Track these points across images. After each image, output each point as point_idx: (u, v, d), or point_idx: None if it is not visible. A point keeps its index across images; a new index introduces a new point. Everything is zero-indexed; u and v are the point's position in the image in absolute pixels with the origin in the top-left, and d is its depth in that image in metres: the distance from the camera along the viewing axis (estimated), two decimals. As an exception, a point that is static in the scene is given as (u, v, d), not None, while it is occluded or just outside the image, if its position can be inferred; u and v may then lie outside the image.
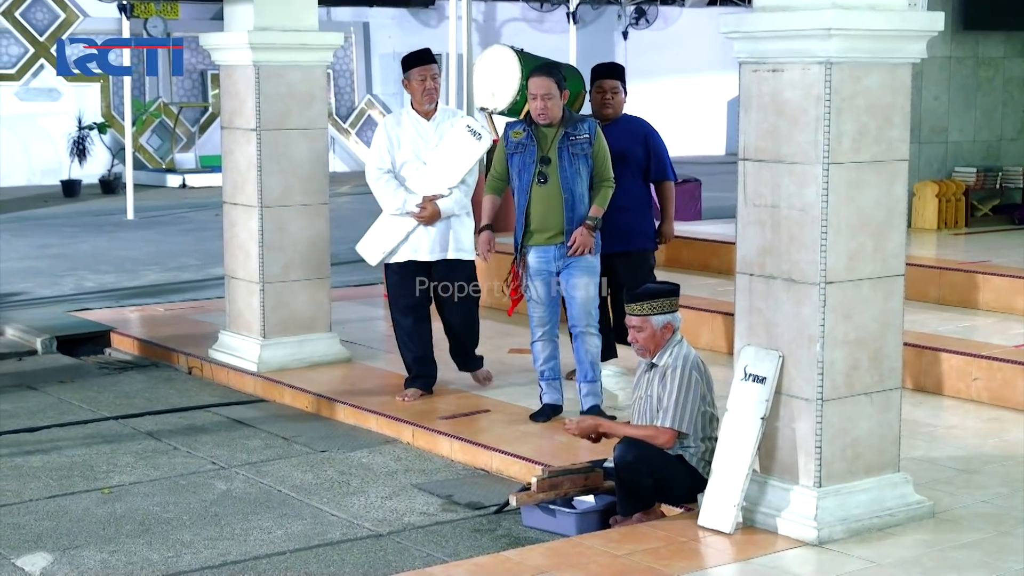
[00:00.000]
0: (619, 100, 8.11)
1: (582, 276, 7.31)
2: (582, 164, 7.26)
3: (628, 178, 7.93)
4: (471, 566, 5.53)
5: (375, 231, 8.12)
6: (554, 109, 7.23)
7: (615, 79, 8.11)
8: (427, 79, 7.93)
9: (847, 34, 5.43)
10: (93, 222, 18.19)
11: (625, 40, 29.37)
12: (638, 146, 8.08)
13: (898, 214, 5.75)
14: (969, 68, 12.55)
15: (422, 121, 8.00)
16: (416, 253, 7.99)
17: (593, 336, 7.37)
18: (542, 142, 7.29)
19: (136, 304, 11.67)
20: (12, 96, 23.63)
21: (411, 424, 7.60)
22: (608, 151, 7.37)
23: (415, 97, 8.00)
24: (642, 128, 8.19)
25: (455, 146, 7.97)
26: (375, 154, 8.06)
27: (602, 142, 7.35)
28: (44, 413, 8.36)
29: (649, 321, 6.07)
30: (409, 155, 7.97)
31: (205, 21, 24.00)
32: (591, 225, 7.25)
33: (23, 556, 5.91)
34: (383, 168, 7.98)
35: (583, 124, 7.31)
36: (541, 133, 7.30)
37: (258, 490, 6.85)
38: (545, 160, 7.25)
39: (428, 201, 7.91)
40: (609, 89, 8.07)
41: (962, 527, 5.78)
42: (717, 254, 11.16)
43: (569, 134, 7.25)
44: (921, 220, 12.03)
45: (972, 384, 7.92)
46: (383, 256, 8.07)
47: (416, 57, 7.98)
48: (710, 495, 5.75)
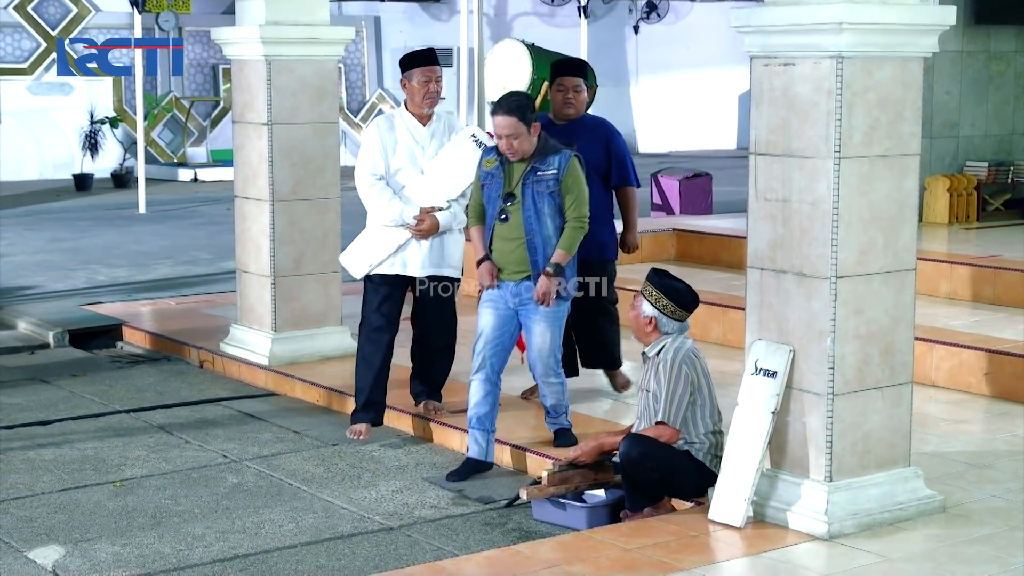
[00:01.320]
0: (581, 99, 7.57)
1: (540, 323, 6.70)
2: (547, 203, 6.63)
3: (590, 183, 7.27)
4: (482, 560, 5.54)
5: (362, 242, 7.54)
6: (522, 145, 6.60)
7: (577, 76, 7.57)
8: (431, 81, 7.39)
9: (859, 28, 5.42)
10: (105, 216, 18.22)
11: (636, 34, 29.36)
12: (599, 149, 7.53)
13: (909, 208, 5.75)
14: (981, 62, 12.52)
15: (418, 126, 7.45)
16: (406, 268, 7.43)
17: (554, 385, 6.84)
18: (509, 176, 6.70)
19: (148, 298, 11.69)
20: (24, 90, 23.67)
21: (422, 418, 7.61)
22: (582, 184, 6.69)
23: (414, 99, 7.43)
24: (604, 130, 7.67)
25: (458, 156, 7.38)
26: (367, 159, 7.44)
27: (575, 172, 6.66)
28: (56, 406, 8.38)
29: (640, 303, 6.07)
30: (404, 162, 7.41)
31: (217, 15, 24.02)
32: (550, 272, 6.59)
33: (35, 549, 5.93)
34: (376, 175, 7.40)
35: (554, 157, 6.65)
36: (510, 167, 6.70)
37: (269, 483, 6.86)
38: (509, 197, 6.67)
39: (426, 213, 7.35)
40: (571, 87, 7.53)
41: (973, 522, 5.77)
42: (728, 248, 11.16)
43: (536, 168, 6.62)
44: (932, 214, 12.02)
45: (983, 379, 7.91)
46: (369, 269, 7.49)
47: (419, 57, 7.47)
48: (720, 489, 5.76)
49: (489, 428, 6.82)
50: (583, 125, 7.60)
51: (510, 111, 6.58)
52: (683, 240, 11.75)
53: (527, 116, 6.59)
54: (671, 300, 6.03)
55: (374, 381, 7.49)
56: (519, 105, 6.62)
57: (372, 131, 7.50)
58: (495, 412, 6.82)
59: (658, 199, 14.42)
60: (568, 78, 7.57)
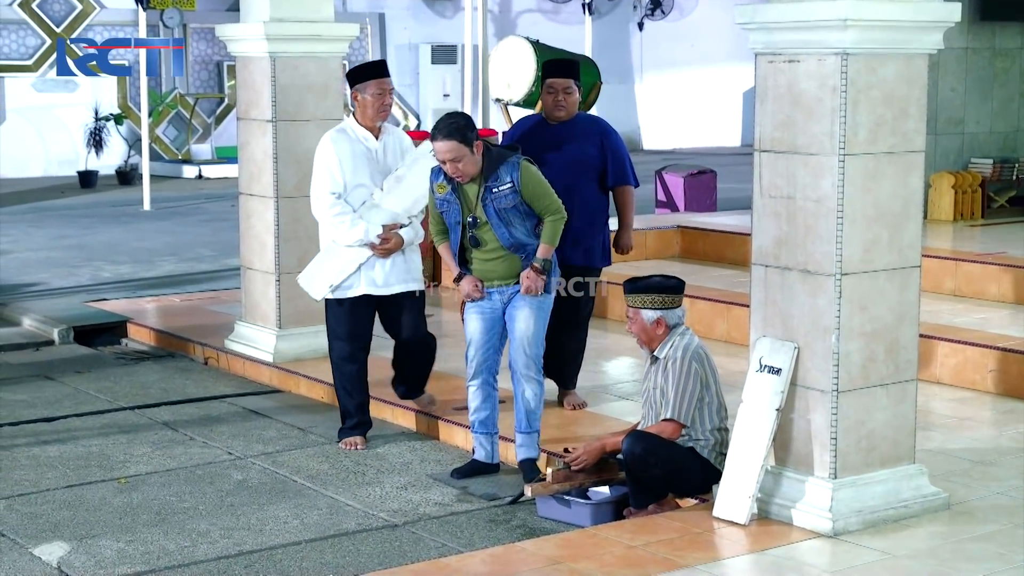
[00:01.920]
0: (573, 100, 7.45)
1: (524, 309, 6.55)
2: (513, 215, 6.48)
3: (584, 184, 7.36)
4: (486, 556, 5.54)
5: (321, 262, 7.35)
6: (467, 167, 6.43)
7: (568, 77, 7.44)
8: (385, 94, 7.21)
9: (863, 25, 5.42)
10: (110, 213, 18.22)
11: (640, 31, 29.32)
12: (593, 148, 7.42)
13: (914, 205, 5.74)
14: (986, 59, 12.51)
15: (372, 139, 7.26)
16: (374, 286, 7.24)
17: (532, 382, 6.63)
18: (465, 201, 6.53)
19: (152, 295, 11.70)
20: (29, 87, 23.67)
21: (426, 415, 7.61)
22: (542, 183, 6.51)
23: (366, 112, 7.22)
24: (598, 128, 7.54)
25: (416, 171, 7.18)
26: (324, 178, 7.19)
27: (531, 178, 6.47)
28: (61, 403, 8.39)
29: (640, 314, 6.09)
30: (363, 177, 7.21)
31: (221, 12, 24.02)
32: (538, 268, 6.50)
33: (40, 545, 5.94)
34: (336, 192, 7.16)
35: (504, 169, 6.44)
36: (463, 190, 6.52)
37: (274, 480, 6.87)
38: (474, 222, 6.52)
39: (390, 231, 7.20)
40: (561, 89, 7.41)
41: (977, 519, 5.77)
42: (732, 245, 11.15)
43: (491, 188, 6.45)
44: (937, 211, 12.01)
45: (988, 376, 7.90)
46: (330, 290, 7.28)
47: (372, 69, 7.30)
48: (725, 486, 5.76)
49: (492, 431, 6.80)
50: (576, 125, 7.50)
51: (449, 135, 6.40)
52: (687, 237, 11.75)
53: (467, 136, 6.42)
54: (659, 293, 6.07)
55: (359, 405, 7.42)
56: (457, 127, 6.43)
57: (326, 146, 7.26)
58: (496, 414, 6.80)
59: (662, 196, 14.40)
60: (558, 79, 7.45)
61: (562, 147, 7.37)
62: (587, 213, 7.37)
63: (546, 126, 7.52)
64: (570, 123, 7.48)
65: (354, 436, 7.39)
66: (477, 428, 6.79)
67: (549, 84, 7.49)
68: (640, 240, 11.53)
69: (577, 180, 7.31)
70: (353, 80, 7.28)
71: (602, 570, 5.27)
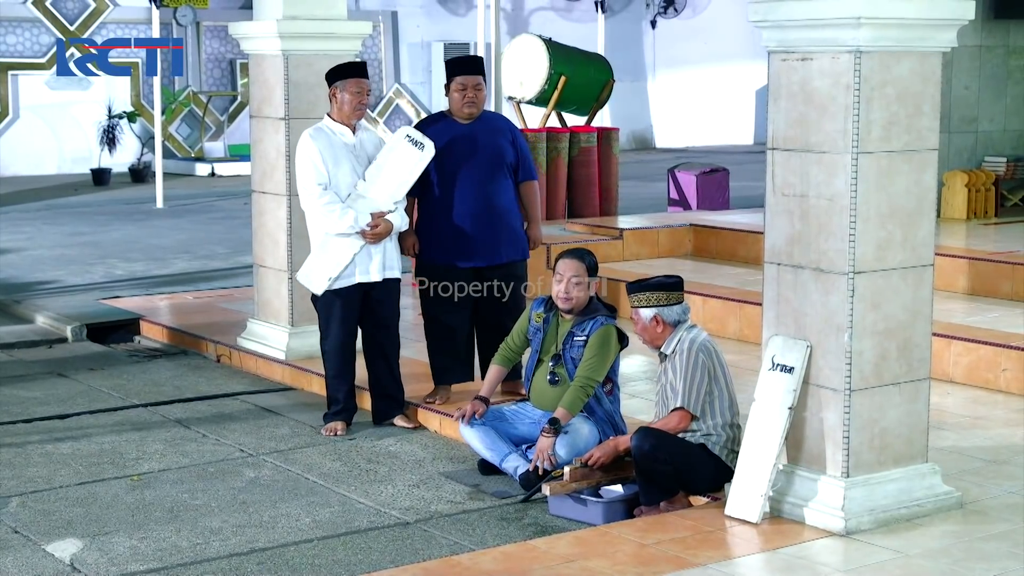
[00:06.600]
0: (482, 97, 7.49)
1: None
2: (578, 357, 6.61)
3: (502, 179, 7.47)
4: (498, 554, 5.54)
5: (319, 256, 7.45)
6: (580, 293, 6.61)
7: (477, 74, 7.46)
8: (362, 93, 7.43)
9: (877, 22, 5.41)
10: (123, 210, 18.26)
11: (653, 29, 29.31)
12: (507, 144, 7.52)
13: (927, 203, 5.73)
14: (1000, 57, 12.48)
15: (348, 134, 7.44)
16: (366, 275, 7.43)
17: None
18: (551, 334, 6.70)
19: (165, 292, 11.72)
20: (43, 85, 23.72)
21: (439, 412, 7.61)
22: (606, 353, 6.54)
23: (343, 110, 7.41)
24: (507, 124, 7.69)
25: (396, 158, 7.37)
26: (310, 170, 7.35)
27: (604, 340, 6.54)
28: (74, 400, 8.41)
29: (639, 314, 6.19)
30: (345, 168, 7.38)
31: (234, 10, 24.05)
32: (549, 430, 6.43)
33: (53, 542, 5.95)
34: (322, 184, 7.32)
35: (591, 323, 6.59)
36: (553, 324, 6.70)
37: (286, 477, 6.87)
38: (556, 358, 6.66)
39: (379, 218, 7.36)
40: (472, 86, 7.43)
41: (990, 518, 5.76)
42: (745, 243, 11.14)
43: (574, 334, 6.61)
44: (950, 210, 11.99)
45: (1001, 375, 7.88)
46: (329, 283, 7.41)
47: (351, 68, 7.49)
48: (737, 484, 5.75)
49: (511, 450, 6.71)
50: (486, 121, 7.60)
51: (580, 258, 6.65)
52: (700, 235, 11.73)
53: (593, 270, 6.66)
54: (657, 291, 6.15)
55: (348, 393, 7.64)
56: (589, 256, 6.70)
57: (307, 143, 7.41)
58: (504, 439, 6.75)
59: (675, 194, 14.39)
60: (468, 76, 7.47)
61: (478, 144, 7.43)
62: (509, 207, 7.53)
63: (456, 124, 7.55)
64: (479, 120, 7.56)
65: (337, 421, 7.59)
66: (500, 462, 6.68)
67: (460, 81, 7.49)
68: (652, 238, 11.56)
69: (495, 176, 7.47)
70: (333, 78, 7.49)
71: (614, 568, 5.27)
